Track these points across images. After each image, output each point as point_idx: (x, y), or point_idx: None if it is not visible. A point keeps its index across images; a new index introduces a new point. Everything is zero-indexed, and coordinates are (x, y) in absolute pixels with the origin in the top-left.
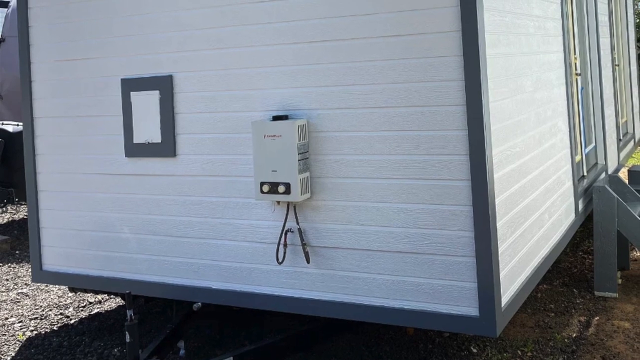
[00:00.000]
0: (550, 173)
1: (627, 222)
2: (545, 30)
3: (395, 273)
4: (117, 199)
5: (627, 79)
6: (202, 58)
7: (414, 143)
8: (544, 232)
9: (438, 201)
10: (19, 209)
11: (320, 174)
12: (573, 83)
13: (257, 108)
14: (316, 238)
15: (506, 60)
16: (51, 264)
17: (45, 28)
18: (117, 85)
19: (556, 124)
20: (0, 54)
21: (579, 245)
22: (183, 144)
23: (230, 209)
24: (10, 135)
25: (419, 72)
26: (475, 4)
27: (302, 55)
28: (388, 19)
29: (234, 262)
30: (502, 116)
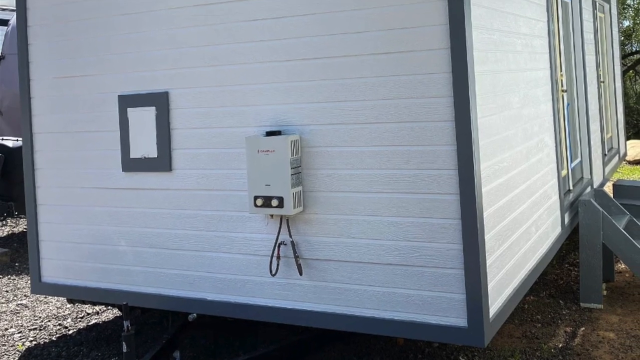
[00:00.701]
0: (537, 187)
1: (612, 235)
2: (532, 48)
3: (386, 285)
4: (115, 212)
5: (612, 95)
6: (197, 75)
7: (404, 158)
8: (531, 244)
9: (428, 214)
10: (18, 222)
11: (313, 188)
12: (559, 99)
13: (251, 124)
14: (309, 250)
15: (494, 77)
16: (50, 275)
17: (44, 46)
18: (114, 101)
19: (543, 139)
20: (0, 71)
21: (565, 257)
22: (179, 158)
23: (225, 222)
24: (10, 151)
25: (409, 88)
26: (464, 22)
27: (294, 72)
28: (378, 37)
29: (228, 274)
30: (490, 132)
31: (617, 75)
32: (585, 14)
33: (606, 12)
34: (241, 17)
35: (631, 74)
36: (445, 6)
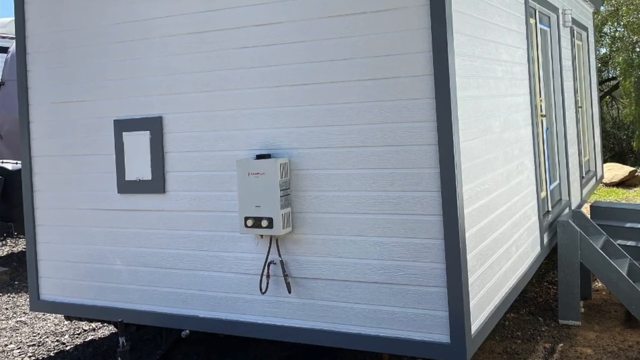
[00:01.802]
0: (517, 208)
1: (589, 255)
2: (513, 74)
3: (372, 302)
4: (110, 232)
5: (589, 120)
6: (190, 100)
7: (389, 180)
8: (511, 263)
9: (412, 235)
10: (17, 242)
11: (301, 209)
12: (539, 124)
13: (242, 147)
14: (297, 269)
15: (476, 102)
16: (48, 293)
17: (43, 72)
18: (110, 125)
19: (523, 162)
20: (0, 97)
21: (544, 276)
22: (172, 181)
23: (217, 242)
24: (9, 173)
25: (394, 113)
26: (447, 49)
27: (283, 98)
28: (364, 64)
29: (219, 292)
30: (472, 155)
31: (594, 101)
32: (563, 42)
33: (584, 39)
34: (232, 45)
35: (608, 99)
36: (429, 34)
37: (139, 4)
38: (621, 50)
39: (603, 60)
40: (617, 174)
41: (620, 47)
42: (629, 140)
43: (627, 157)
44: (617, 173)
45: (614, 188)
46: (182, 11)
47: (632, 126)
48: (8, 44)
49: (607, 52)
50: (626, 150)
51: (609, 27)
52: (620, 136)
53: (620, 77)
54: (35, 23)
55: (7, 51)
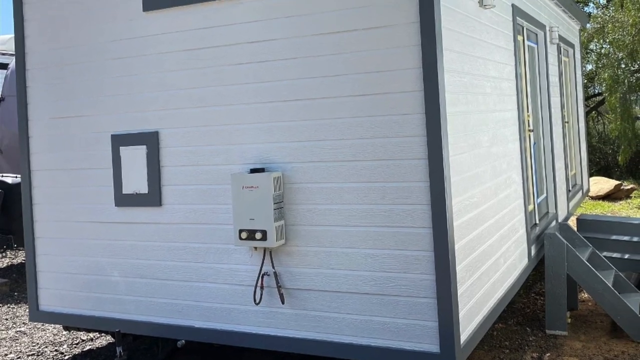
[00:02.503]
0: (506, 221)
1: (575, 267)
2: (501, 90)
3: (363, 313)
4: (108, 245)
5: (575, 134)
6: (186, 115)
7: (380, 193)
8: (499, 275)
9: (402, 247)
10: (17, 254)
11: (294, 222)
12: (526, 138)
13: (236, 161)
14: (290, 281)
15: (465, 117)
16: (47, 304)
17: (42, 88)
18: (107, 140)
19: (511, 176)
20: (0, 112)
21: (532, 287)
22: (168, 194)
23: (212, 254)
24: (9, 187)
25: (385, 128)
26: (437, 66)
27: (277, 113)
28: (356, 80)
29: (214, 302)
30: (461, 169)
31: (581, 116)
32: (550, 58)
33: (570, 56)
34: (227, 61)
35: (594, 114)
36: (419, 51)
37: (136, 22)
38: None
39: (589, 77)
40: (603, 188)
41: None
42: (614, 155)
43: (613, 171)
44: (603, 186)
45: (600, 201)
46: (178, 28)
47: (617, 141)
48: (8, 61)
49: (593, 68)
50: (612, 164)
51: (595, 44)
52: (606, 150)
53: (606, 93)
54: (35, 40)
55: (7, 67)
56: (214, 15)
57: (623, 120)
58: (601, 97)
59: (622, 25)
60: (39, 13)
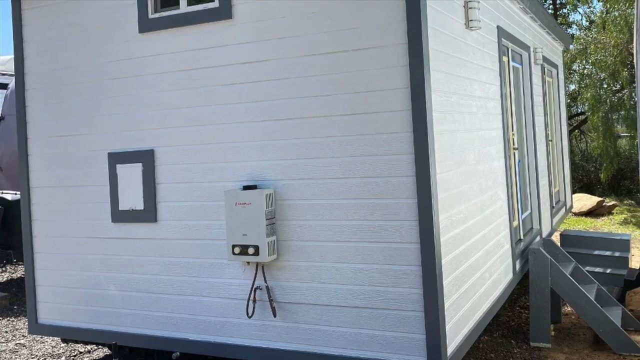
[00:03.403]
0: (491, 237)
1: (559, 281)
2: (487, 109)
3: (353, 326)
4: (105, 259)
5: (559, 152)
6: (180, 134)
7: (369, 210)
8: (485, 289)
9: (391, 262)
10: (17, 268)
11: (286, 238)
12: (511, 156)
13: (229, 179)
14: (282, 294)
15: (451, 136)
16: (46, 317)
17: (41, 107)
18: (104, 158)
19: (496, 193)
20: (0, 131)
21: (517, 301)
22: (163, 210)
23: (206, 269)
24: (9, 203)
25: (374, 146)
26: (424, 86)
27: (269, 132)
28: (346, 99)
29: (208, 316)
30: (448, 186)
31: (564, 134)
32: (534, 78)
33: (554, 76)
34: (220, 81)
35: (577, 133)
36: (407, 71)
37: (132, 43)
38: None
39: (572, 96)
40: (586, 204)
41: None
42: (596, 172)
43: (595, 188)
44: (586, 203)
45: (583, 217)
46: (173, 50)
47: (599, 159)
48: (8, 81)
49: (576, 88)
50: (594, 181)
51: (578, 65)
52: (588, 168)
53: (588, 112)
54: (34, 61)
55: (7, 87)
56: (208, 37)
57: (605, 138)
58: (584, 116)
59: (604, 47)
60: (38, 35)
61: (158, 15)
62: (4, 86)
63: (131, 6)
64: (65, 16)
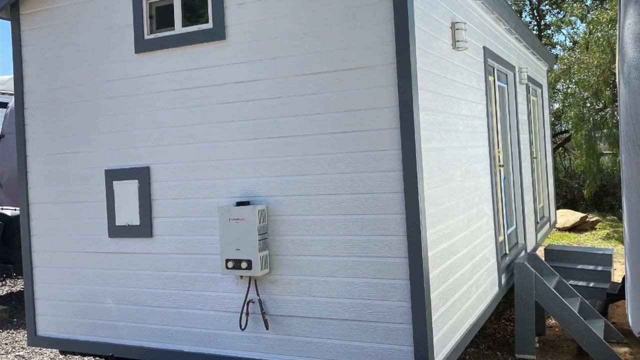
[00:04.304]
0: (477, 251)
1: (543, 294)
2: (473, 128)
3: (343, 338)
4: (102, 273)
5: (543, 169)
6: (175, 152)
7: (359, 225)
8: (471, 302)
9: (380, 276)
10: (16, 282)
11: (278, 252)
12: (497, 173)
13: (223, 195)
14: (274, 307)
15: (439, 153)
16: (44, 330)
17: (40, 126)
18: (101, 175)
19: (482, 208)
20: (0, 148)
21: (502, 313)
22: (159, 226)
23: (200, 283)
24: (9, 219)
25: (363, 163)
26: (412, 105)
27: (262, 149)
28: (336, 118)
29: (203, 328)
30: (435, 202)
31: (548, 152)
32: (520, 98)
33: (538, 95)
34: (214, 100)
35: (560, 150)
36: (396, 91)
37: (129, 63)
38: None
39: (556, 115)
40: (569, 220)
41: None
42: (580, 189)
43: (579, 204)
44: (569, 219)
45: (567, 232)
46: (169, 69)
47: (583, 175)
48: (7, 100)
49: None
50: (577, 197)
51: (561, 84)
52: (572, 185)
53: (572, 130)
54: (33, 80)
55: (7, 106)
56: (202, 57)
57: (588, 156)
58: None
59: (587, 67)
60: (37, 55)
61: (154, 36)
62: (3, 105)
63: (127, 27)
64: (63, 37)
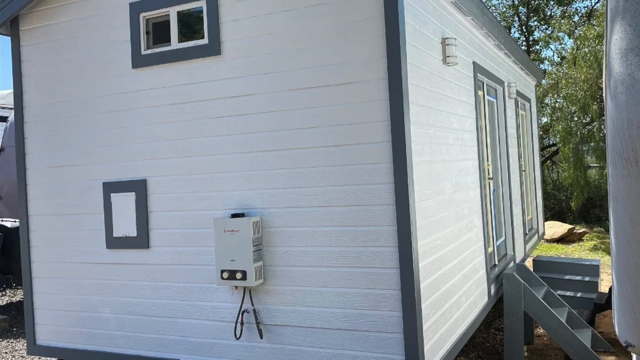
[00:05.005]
0: (467, 262)
1: (532, 304)
2: (463, 141)
3: (336, 347)
4: (99, 284)
5: (532, 182)
6: (172, 165)
7: (351, 237)
8: (461, 312)
9: (372, 286)
10: (16, 292)
11: (272, 263)
12: (486, 186)
13: (218, 207)
14: (268, 317)
15: (430, 166)
16: (43, 339)
17: (39, 139)
18: (99, 187)
19: (472, 220)
20: (0, 162)
21: (491, 323)
22: (155, 237)
23: (196, 293)
24: (9, 230)
25: (356, 176)
26: (403, 119)
27: (256, 162)
28: (329, 131)
29: (198, 337)
30: (426, 214)
31: (537, 165)
32: (508, 112)
33: (527, 110)
34: (210, 115)
35: (548, 163)
36: (387, 105)
37: (126, 78)
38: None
39: (544, 129)
40: (557, 231)
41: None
42: (567, 201)
43: (566, 215)
44: (557, 230)
45: (554, 244)
46: (165, 84)
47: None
48: (7, 114)
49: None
50: (565, 209)
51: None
52: (560, 197)
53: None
54: (32, 95)
55: (7, 120)
56: (198, 72)
57: (576, 169)
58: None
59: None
60: (36, 70)
61: (150, 52)
62: (3, 119)
63: (125, 43)
64: (62, 53)
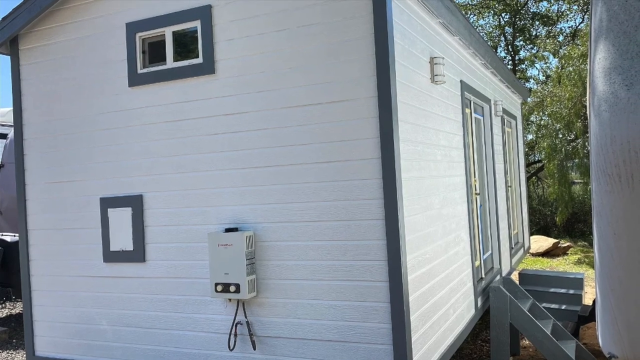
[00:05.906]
0: (455, 275)
1: (518, 316)
2: (451, 158)
3: (327, 358)
4: (97, 297)
5: (518, 197)
6: (167, 180)
7: (342, 251)
8: (449, 324)
9: (362, 299)
10: (15, 305)
11: (265, 276)
12: (473, 201)
13: (212, 222)
14: (261, 329)
15: (418, 182)
16: (42, 350)
17: (38, 156)
18: (96, 203)
19: (459, 234)
20: (0, 177)
21: (478, 335)
22: (151, 251)
23: (190, 305)
24: (8, 245)
25: (346, 192)
26: (393, 136)
27: (249, 178)
28: (320, 148)
29: (193, 349)
30: (414, 228)
31: (522, 181)
32: (495, 129)
33: (513, 127)
34: (204, 132)
35: (534, 179)
36: (377, 122)
37: (122, 96)
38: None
39: (530, 145)
40: (543, 245)
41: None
42: (552, 216)
43: (551, 230)
44: (543, 244)
45: (540, 257)
46: (160, 102)
47: (555, 203)
48: (7, 131)
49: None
50: (550, 224)
51: (535, 116)
52: (545, 212)
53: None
54: (31, 113)
55: (6, 137)
56: (193, 90)
57: (560, 184)
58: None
59: (559, 100)
60: (35, 88)
61: (146, 71)
62: (3, 136)
63: (121, 62)
64: (60, 71)
